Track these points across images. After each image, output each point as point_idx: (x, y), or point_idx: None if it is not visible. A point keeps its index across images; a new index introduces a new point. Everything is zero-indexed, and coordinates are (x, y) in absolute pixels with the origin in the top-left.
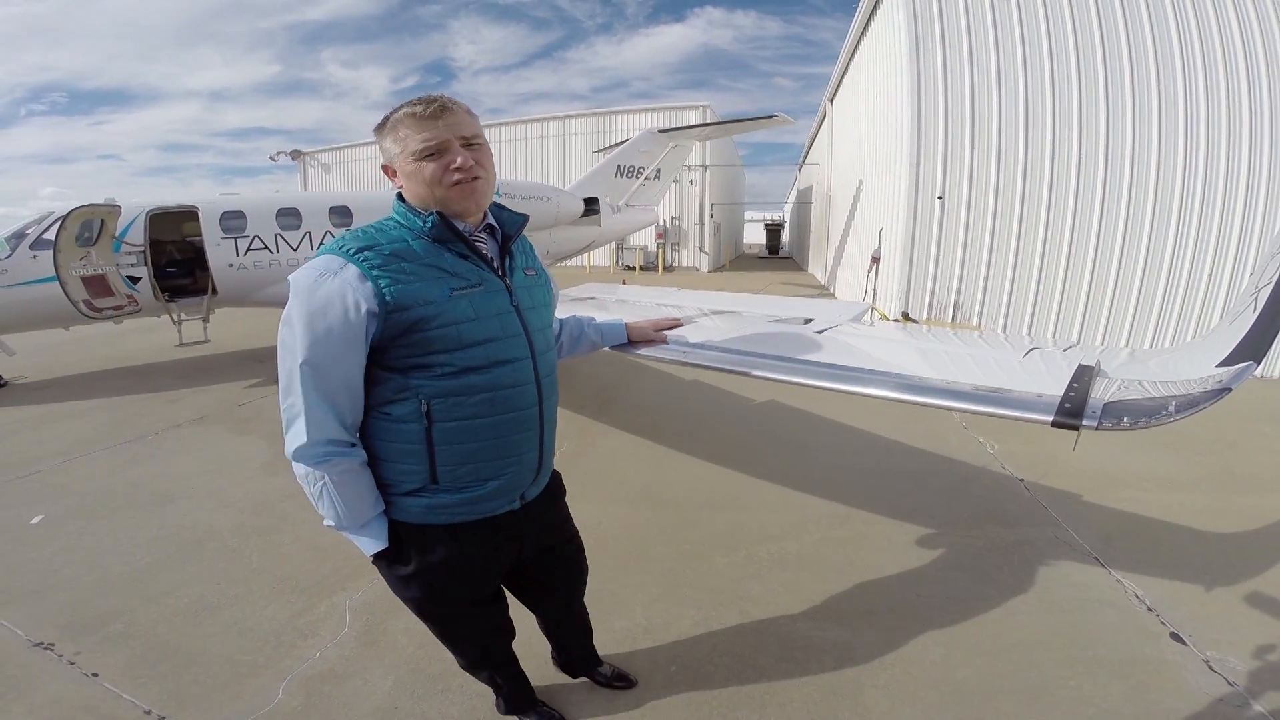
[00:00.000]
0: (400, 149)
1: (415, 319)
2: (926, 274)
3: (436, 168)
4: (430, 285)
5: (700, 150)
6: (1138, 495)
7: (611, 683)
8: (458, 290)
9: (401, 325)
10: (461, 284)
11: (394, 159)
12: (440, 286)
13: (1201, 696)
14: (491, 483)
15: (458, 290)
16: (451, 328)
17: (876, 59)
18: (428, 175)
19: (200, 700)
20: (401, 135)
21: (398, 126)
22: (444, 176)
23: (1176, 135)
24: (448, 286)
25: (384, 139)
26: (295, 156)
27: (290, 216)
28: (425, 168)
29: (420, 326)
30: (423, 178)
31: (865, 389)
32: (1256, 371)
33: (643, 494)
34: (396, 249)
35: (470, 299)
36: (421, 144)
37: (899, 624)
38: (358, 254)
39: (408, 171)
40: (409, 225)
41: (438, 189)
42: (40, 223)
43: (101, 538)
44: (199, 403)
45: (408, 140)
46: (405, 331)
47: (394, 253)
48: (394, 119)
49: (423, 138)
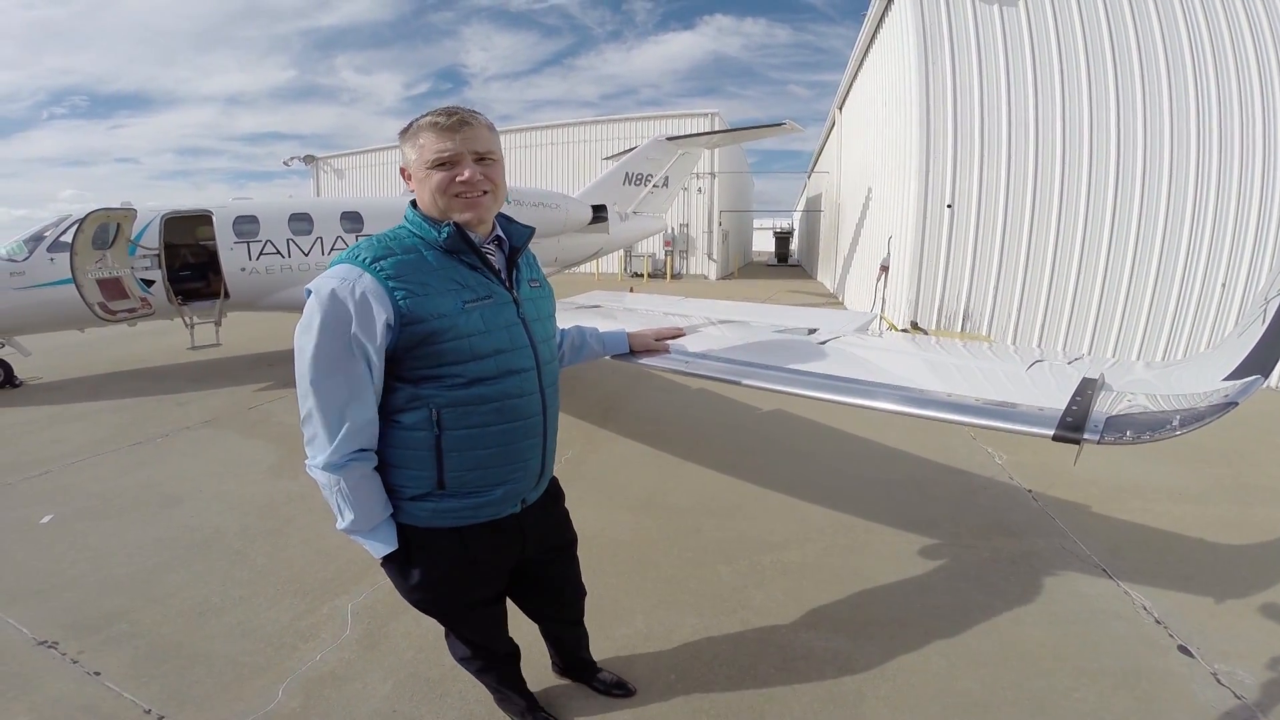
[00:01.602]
0: (417, 155)
1: (429, 331)
2: (936, 283)
3: (444, 178)
4: (444, 299)
5: (709, 158)
6: (1147, 506)
7: (610, 690)
8: (469, 303)
9: (416, 338)
10: (473, 297)
11: (410, 164)
12: (453, 299)
13: (1209, 710)
14: (498, 489)
15: (469, 303)
16: (464, 340)
17: (885, 66)
18: (435, 184)
19: (200, 701)
20: (420, 143)
21: (419, 134)
22: (449, 187)
23: (1189, 142)
24: (460, 300)
25: (405, 144)
26: (309, 161)
27: (303, 221)
28: (434, 176)
29: (434, 339)
30: (431, 185)
31: (866, 401)
32: (1272, 383)
33: (646, 501)
34: (411, 260)
35: (481, 311)
36: (435, 154)
37: (902, 634)
38: (374, 264)
39: (420, 178)
40: (423, 235)
41: (441, 198)
42: (57, 226)
43: (109, 538)
44: (209, 405)
45: (425, 149)
46: (419, 344)
47: (409, 264)
48: (417, 126)
49: (438, 148)
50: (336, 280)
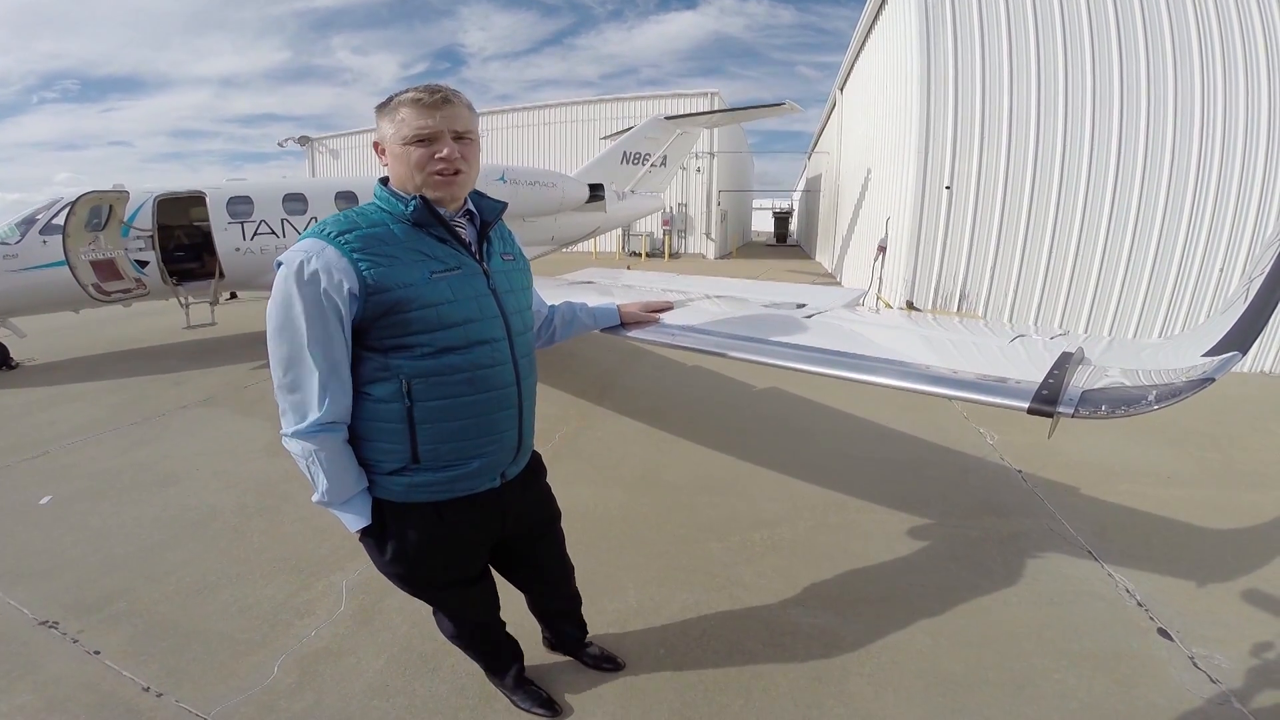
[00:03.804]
0: (394, 130)
1: (395, 300)
2: (932, 264)
3: (423, 154)
4: (410, 268)
5: (708, 137)
6: (1136, 489)
7: (599, 664)
8: (437, 273)
9: (382, 306)
10: (440, 267)
11: (386, 139)
12: (420, 269)
13: (1185, 693)
14: (473, 461)
15: (437, 273)
16: (431, 309)
17: (887, 47)
18: (413, 160)
19: (197, 678)
20: (399, 118)
21: (398, 109)
22: (428, 164)
23: (1193, 125)
24: (427, 269)
25: (382, 119)
26: (303, 142)
27: (296, 201)
28: (413, 152)
29: (400, 308)
30: (408, 161)
31: (845, 373)
32: (1267, 366)
33: (640, 478)
34: (376, 232)
35: (449, 281)
36: (414, 131)
37: (889, 612)
38: (338, 237)
39: (396, 153)
40: (390, 210)
41: (418, 175)
42: (50, 208)
43: (107, 518)
44: (205, 384)
45: (403, 124)
46: (385, 313)
47: (374, 236)
48: (396, 101)
49: (418, 125)
50: (302, 253)
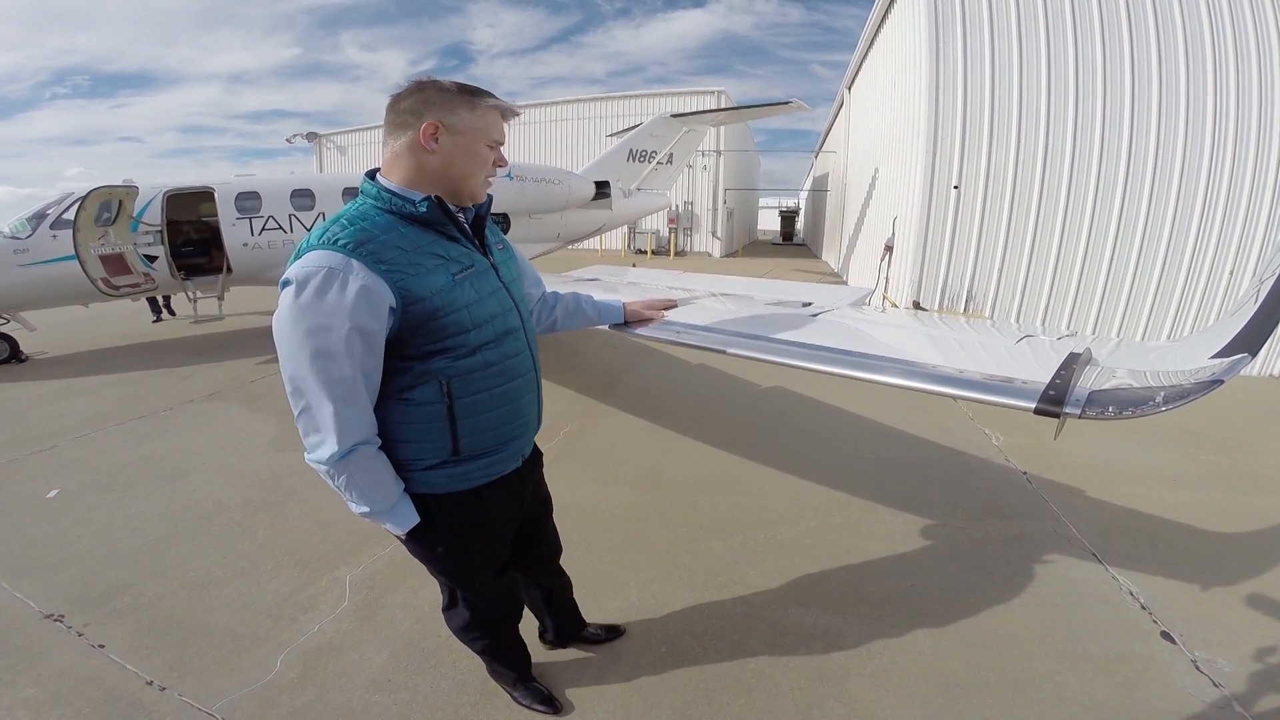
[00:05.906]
0: (481, 127)
1: (430, 310)
2: (940, 264)
3: (495, 160)
4: (434, 274)
5: (715, 135)
6: (1141, 492)
7: (604, 638)
8: (458, 275)
9: (419, 318)
10: (459, 268)
11: (463, 130)
12: (443, 274)
13: (1186, 696)
14: (510, 445)
15: (458, 275)
16: (462, 311)
17: (895, 46)
18: (486, 160)
19: (201, 672)
20: (488, 120)
21: (487, 111)
22: (490, 170)
23: (1204, 126)
24: (449, 273)
25: (464, 108)
26: (311, 139)
27: (304, 197)
28: (490, 155)
29: (435, 315)
30: (482, 160)
31: (850, 371)
32: (1276, 370)
33: (644, 476)
34: (391, 240)
35: (470, 281)
36: (498, 137)
37: (891, 613)
38: (358, 249)
39: (470, 150)
40: (395, 209)
41: (479, 174)
42: (60, 203)
43: (114, 512)
44: (212, 379)
45: (491, 128)
46: (423, 322)
47: (390, 244)
48: (485, 101)
49: (501, 132)
50: (323, 269)
